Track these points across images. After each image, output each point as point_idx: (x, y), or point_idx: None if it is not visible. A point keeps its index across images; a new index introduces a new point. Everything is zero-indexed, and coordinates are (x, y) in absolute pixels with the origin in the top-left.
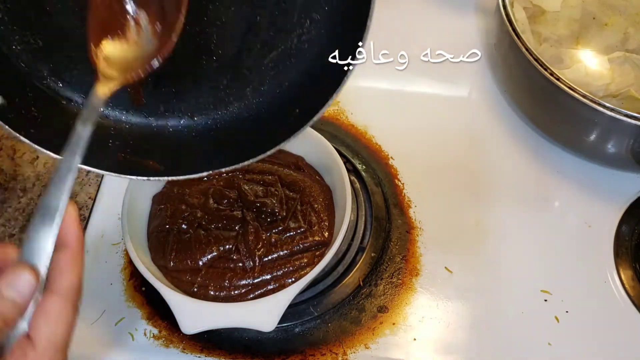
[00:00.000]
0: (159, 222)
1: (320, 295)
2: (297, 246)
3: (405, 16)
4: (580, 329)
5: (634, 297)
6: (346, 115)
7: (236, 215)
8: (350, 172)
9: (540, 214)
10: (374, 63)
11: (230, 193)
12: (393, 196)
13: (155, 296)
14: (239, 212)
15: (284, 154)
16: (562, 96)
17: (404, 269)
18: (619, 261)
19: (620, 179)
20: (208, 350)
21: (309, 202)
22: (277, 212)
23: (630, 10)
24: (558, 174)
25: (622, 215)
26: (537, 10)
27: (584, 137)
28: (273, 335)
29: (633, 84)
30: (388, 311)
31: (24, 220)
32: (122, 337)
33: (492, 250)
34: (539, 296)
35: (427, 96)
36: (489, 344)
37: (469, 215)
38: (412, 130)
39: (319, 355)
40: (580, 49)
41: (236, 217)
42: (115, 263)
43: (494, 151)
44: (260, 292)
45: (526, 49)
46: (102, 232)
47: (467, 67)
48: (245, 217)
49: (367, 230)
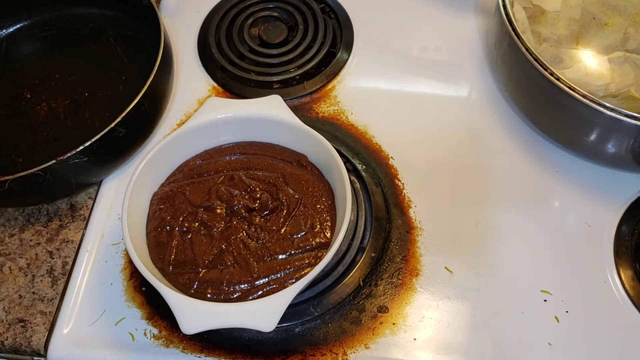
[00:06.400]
0: (159, 223)
1: (320, 295)
2: (298, 248)
3: (405, 16)
4: (580, 329)
5: (634, 297)
6: (346, 115)
7: (238, 215)
8: (350, 172)
9: (540, 214)
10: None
11: (232, 192)
12: (393, 196)
13: (155, 296)
14: (240, 212)
15: (287, 151)
16: (562, 96)
17: (404, 269)
18: (619, 261)
19: (620, 179)
20: (208, 350)
21: (312, 202)
22: (279, 212)
23: (630, 10)
24: (558, 174)
25: (622, 215)
26: (537, 10)
27: (584, 137)
28: (273, 335)
29: (633, 84)
30: (388, 311)
31: (24, 220)
32: (122, 337)
33: (492, 250)
34: (539, 296)
35: (427, 96)
36: (489, 344)
37: (469, 215)
38: (412, 130)
39: (319, 355)
40: (580, 49)
41: (238, 217)
42: (115, 263)
43: (494, 151)
44: (260, 294)
45: (526, 49)
46: (102, 232)
47: (467, 67)
48: (247, 217)
49: (367, 230)
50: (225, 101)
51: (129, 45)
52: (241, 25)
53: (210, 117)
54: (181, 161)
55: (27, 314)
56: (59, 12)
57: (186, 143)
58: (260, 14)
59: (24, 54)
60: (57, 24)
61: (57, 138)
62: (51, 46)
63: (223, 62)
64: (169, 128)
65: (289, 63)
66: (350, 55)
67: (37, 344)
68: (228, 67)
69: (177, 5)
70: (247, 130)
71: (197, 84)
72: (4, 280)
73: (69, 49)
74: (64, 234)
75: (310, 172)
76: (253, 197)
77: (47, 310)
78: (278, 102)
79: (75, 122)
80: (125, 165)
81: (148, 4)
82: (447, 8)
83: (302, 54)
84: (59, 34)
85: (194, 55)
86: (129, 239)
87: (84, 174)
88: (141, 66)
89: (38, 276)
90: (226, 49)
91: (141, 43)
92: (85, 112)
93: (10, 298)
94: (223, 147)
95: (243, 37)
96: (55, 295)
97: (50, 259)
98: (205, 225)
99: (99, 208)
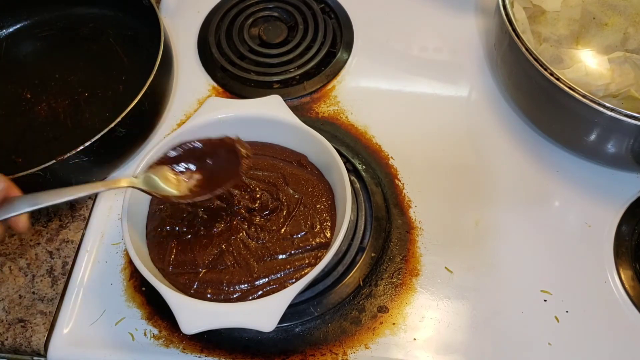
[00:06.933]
0: (159, 223)
1: (320, 295)
2: (298, 248)
3: (405, 16)
4: (580, 329)
5: (634, 297)
6: (346, 115)
7: (238, 215)
8: (350, 172)
9: (540, 214)
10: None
11: (232, 192)
12: (393, 196)
13: (155, 296)
14: (240, 212)
15: (287, 151)
16: (562, 96)
17: (404, 269)
18: (619, 261)
19: (620, 179)
20: (208, 350)
21: (312, 202)
22: (279, 212)
23: (630, 10)
24: (558, 174)
25: (622, 215)
26: (537, 10)
27: (584, 137)
28: (273, 335)
29: (633, 84)
30: (388, 311)
31: None
32: (122, 337)
33: (492, 250)
34: (539, 296)
35: (427, 96)
36: (489, 344)
37: (469, 215)
38: (412, 130)
39: (319, 355)
40: (580, 49)
41: (238, 217)
42: (115, 263)
43: (494, 151)
44: (260, 294)
45: (526, 49)
46: (102, 232)
47: (467, 67)
48: (247, 217)
49: (367, 230)
50: (225, 101)
51: (129, 45)
52: (241, 25)
53: (210, 117)
54: None
55: (27, 314)
56: (59, 12)
57: None
58: (260, 14)
59: (24, 54)
60: (57, 24)
61: (57, 138)
62: (51, 46)
63: (223, 62)
64: (169, 128)
65: (289, 63)
66: (350, 55)
67: (37, 344)
68: (228, 67)
69: (177, 5)
70: (247, 130)
71: (197, 84)
72: (4, 280)
73: (69, 49)
74: (64, 234)
75: (310, 172)
76: (253, 197)
77: (47, 310)
78: (278, 102)
79: (75, 122)
80: (125, 165)
81: (148, 4)
82: (447, 8)
83: (302, 54)
84: (59, 34)
85: (194, 55)
86: (129, 239)
87: (84, 174)
88: (141, 66)
89: (38, 276)
90: (226, 49)
91: (141, 43)
92: (85, 112)
93: (10, 298)
94: None
95: (243, 37)
96: (55, 295)
97: (50, 259)
98: (205, 226)
99: (99, 208)
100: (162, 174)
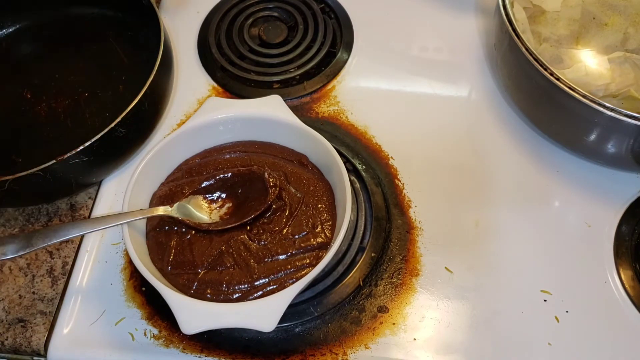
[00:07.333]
0: (158, 222)
1: (320, 295)
2: (299, 248)
3: (405, 16)
4: (580, 329)
5: (634, 297)
6: (346, 115)
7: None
8: (350, 172)
9: (540, 214)
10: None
11: None
12: (393, 196)
13: (155, 296)
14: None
15: (287, 150)
16: (562, 96)
17: (404, 269)
18: (619, 261)
19: (620, 179)
20: (208, 350)
21: (313, 201)
22: (282, 212)
23: (630, 10)
24: (558, 174)
25: (622, 215)
26: (537, 10)
27: (584, 137)
28: (273, 335)
29: (633, 84)
30: (388, 311)
31: (24, 220)
32: (122, 337)
33: (492, 250)
34: (539, 296)
35: (427, 96)
36: (489, 344)
37: (469, 215)
38: (412, 130)
39: (319, 355)
40: (580, 49)
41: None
42: (115, 263)
43: (494, 151)
44: (260, 294)
45: (526, 49)
46: (102, 232)
47: (467, 67)
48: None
49: (367, 230)
50: (225, 101)
51: (129, 45)
52: (241, 25)
53: (210, 117)
54: (181, 161)
55: (27, 314)
56: (59, 12)
57: (186, 143)
58: (260, 14)
59: (24, 54)
60: (57, 24)
61: (57, 138)
62: (51, 46)
63: (223, 62)
64: (169, 128)
65: (289, 63)
66: (350, 55)
67: (37, 344)
68: (228, 67)
69: (177, 5)
70: (247, 130)
71: (197, 84)
72: (4, 280)
73: (69, 49)
74: None
75: (311, 171)
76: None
77: (47, 310)
78: (278, 102)
79: (75, 122)
80: (125, 165)
81: (148, 4)
82: (447, 8)
83: (302, 54)
84: (59, 34)
85: (194, 55)
86: (129, 239)
87: (84, 174)
88: (141, 66)
89: (38, 276)
90: (226, 49)
91: (141, 43)
92: (85, 112)
93: (10, 298)
94: (223, 147)
95: (243, 37)
96: (55, 295)
97: (50, 259)
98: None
99: (99, 208)
100: (196, 203)
